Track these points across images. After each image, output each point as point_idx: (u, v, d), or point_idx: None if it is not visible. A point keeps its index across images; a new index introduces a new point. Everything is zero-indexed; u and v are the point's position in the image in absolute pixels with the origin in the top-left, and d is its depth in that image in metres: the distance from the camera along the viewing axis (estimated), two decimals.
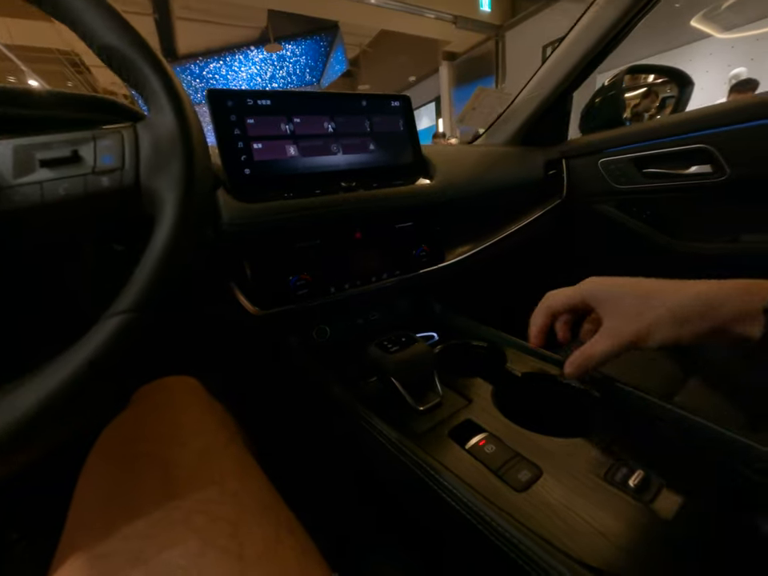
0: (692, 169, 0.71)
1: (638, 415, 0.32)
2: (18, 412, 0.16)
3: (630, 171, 0.77)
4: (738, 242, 0.68)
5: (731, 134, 0.63)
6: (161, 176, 0.21)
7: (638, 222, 0.78)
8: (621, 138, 0.79)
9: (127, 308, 0.18)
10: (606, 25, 0.70)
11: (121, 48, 0.21)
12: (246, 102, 0.46)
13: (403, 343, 0.38)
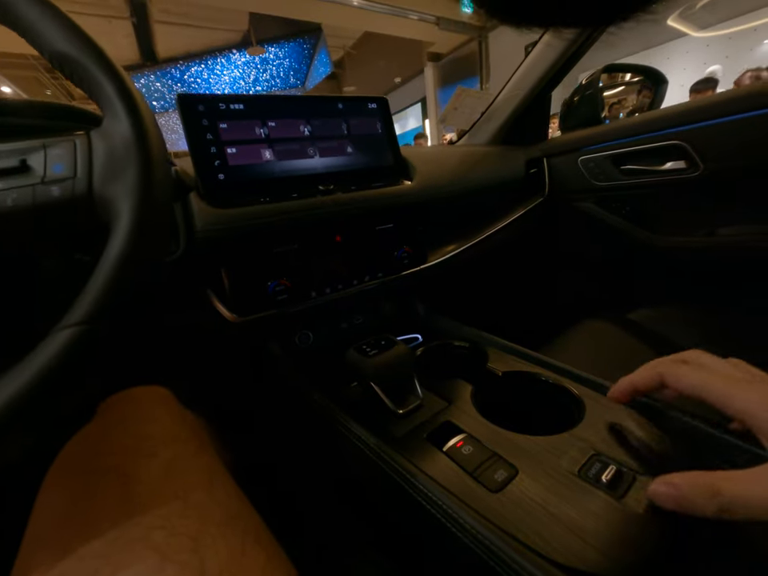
0: (667, 165, 0.72)
1: (621, 415, 0.32)
2: None
3: (608, 168, 0.78)
4: (715, 236, 0.69)
5: (704, 130, 0.65)
6: (116, 184, 0.20)
7: (618, 218, 0.79)
8: (599, 135, 0.80)
9: (79, 320, 0.18)
10: None
11: (73, 54, 0.20)
12: (218, 106, 0.45)
13: (383, 346, 0.38)
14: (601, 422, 0.30)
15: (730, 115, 0.61)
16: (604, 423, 0.30)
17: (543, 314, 0.98)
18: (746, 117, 0.59)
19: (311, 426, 0.43)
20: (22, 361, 0.17)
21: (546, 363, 0.39)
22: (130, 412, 0.32)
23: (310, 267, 0.50)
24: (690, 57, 4.45)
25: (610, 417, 0.31)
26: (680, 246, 0.73)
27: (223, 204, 0.43)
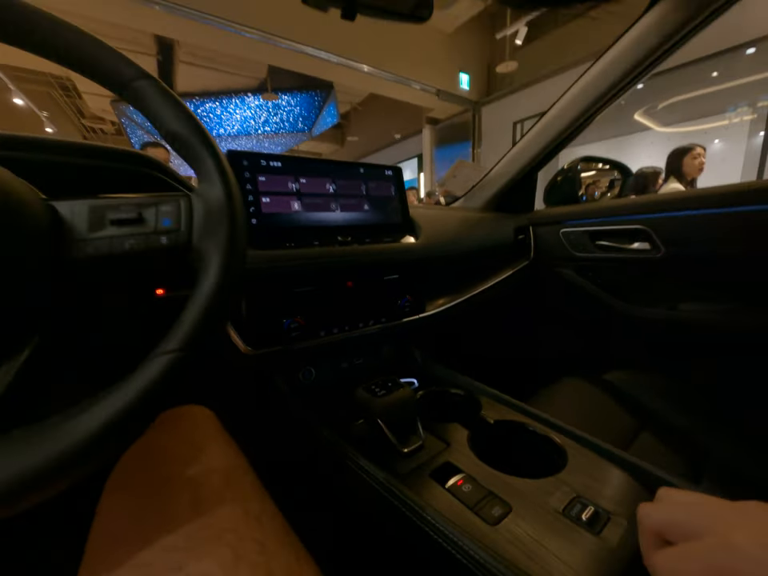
0: (635, 245, 0.84)
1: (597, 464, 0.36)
2: (82, 434, 0.18)
3: (586, 242, 0.89)
4: (676, 310, 0.78)
5: (665, 220, 0.77)
6: (209, 238, 0.25)
7: (593, 286, 0.88)
8: (578, 213, 0.92)
9: (176, 348, 0.21)
10: (566, 120, 0.85)
11: (185, 134, 0.26)
12: (259, 162, 0.52)
13: (389, 388, 0.42)
14: (581, 469, 0.34)
15: (684, 210, 0.74)
16: (583, 471, 0.34)
17: (529, 366, 1.03)
18: (702, 213, 0.71)
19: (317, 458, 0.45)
20: (126, 380, 0.20)
21: (533, 414, 0.44)
22: (184, 426, 0.34)
23: (322, 308, 0.54)
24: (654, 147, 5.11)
25: (588, 466, 0.35)
26: (646, 316, 0.82)
27: (254, 246, 0.48)
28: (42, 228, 0.21)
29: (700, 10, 0.62)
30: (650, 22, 0.67)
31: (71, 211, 0.23)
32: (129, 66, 0.26)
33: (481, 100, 5.46)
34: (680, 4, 0.63)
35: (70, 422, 0.18)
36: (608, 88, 0.75)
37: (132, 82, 0.26)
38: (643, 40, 0.67)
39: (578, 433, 0.40)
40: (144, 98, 0.26)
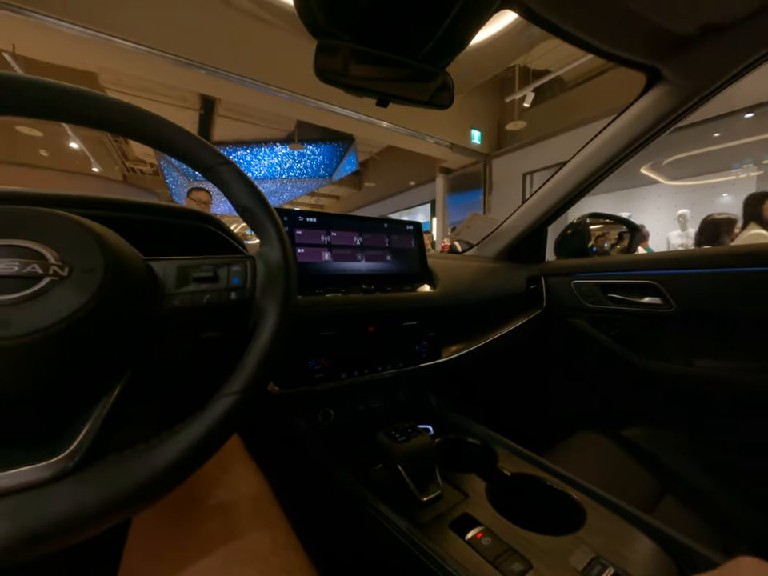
0: (647, 299, 0.86)
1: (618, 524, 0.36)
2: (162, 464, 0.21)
3: (598, 294, 0.92)
4: (691, 366, 0.78)
5: (674, 276, 0.80)
6: (268, 294, 0.30)
7: (607, 338, 0.89)
8: (589, 266, 0.96)
9: (239, 389, 0.25)
10: (573, 183, 0.92)
11: (253, 208, 0.32)
12: (298, 218, 0.59)
13: (409, 434, 0.43)
14: (600, 529, 0.35)
15: (697, 268, 0.76)
16: (603, 531, 0.34)
17: (543, 416, 1.01)
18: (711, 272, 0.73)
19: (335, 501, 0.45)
20: (197, 417, 0.24)
21: (550, 469, 0.44)
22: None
23: (345, 351, 0.57)
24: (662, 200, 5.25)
25: (608, 526, 0.35)
26: (662, 370, 0.81)
27: None
28: (142, 284, 0.26)
29: (691, 97, 0.70)
30: (646, 103, 0.75)
31: (164, 269, 0.28)
32: (214, 154, 0.33)
33: (491, 153, 5.82)
34: (672, 91, 0.71)
35: (153, 452, 0.22)
36: (610, 158, 0.82)
37: (216, 166, 0.33)
38: (640, 119, 0.75)
39: (598, 491, 0.40)
40: (224, 178, 0.33)
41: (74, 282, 0.22)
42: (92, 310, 0.21)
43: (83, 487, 0.19)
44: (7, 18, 2.63)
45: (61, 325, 0.20)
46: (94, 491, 0.19)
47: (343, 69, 0.54)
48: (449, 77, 0.59)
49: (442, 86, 0.60)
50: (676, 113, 0.71)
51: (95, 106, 0.27)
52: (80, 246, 0.23)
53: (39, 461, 0.20)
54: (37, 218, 0.24)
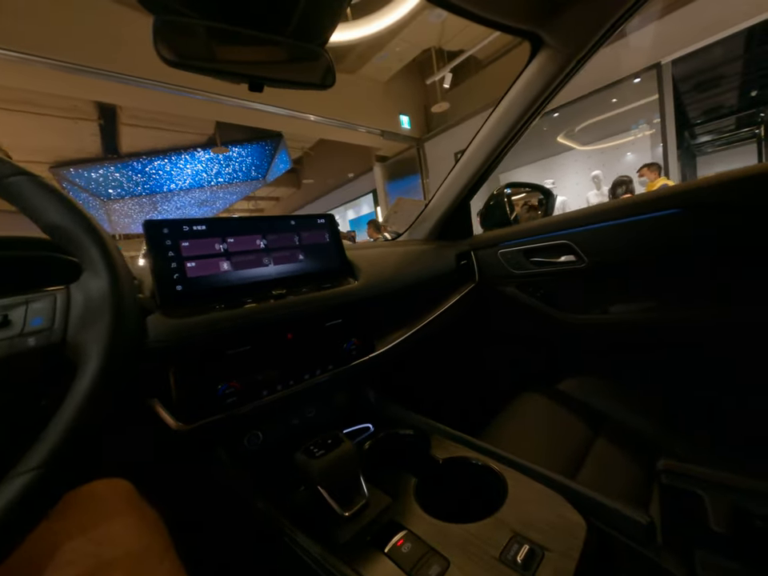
0: (563, 258, 0.91)
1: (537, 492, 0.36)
2: None
3: (521, 260, 0.95)
4: (607, 314, 0.85)
5: (581, 233, 0.85)
6: (88, 330, 0.24)
7: (534, 300, 0.94)
8: (510, 234, 0.99)
9: (37, 464, 0.19)
10: (483, 155, 0.94)
11: (66, 225, 0.26)
12: (181, 228, 0.52)
13: (329, 445, 0.40)
14: (521, 501, 0.34)
15: (598, 223, 0.82)
16: (523, 502, 0.34)
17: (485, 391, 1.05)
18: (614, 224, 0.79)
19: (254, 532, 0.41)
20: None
21: (477, 446, 0.44)
22: (91, 511, 0.29)
23: (261, 366, 0.52)
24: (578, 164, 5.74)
25: (528, 495, 0.35)
26: (582, 321, 0.87)
27: (180, 314, 0.46)
28: None
29: (569, 60, 0.73)
30: (533, 70, 0.77)
31: None
32: (1, 164, 0.26)
33: (423, 137, 5.91)
34: (554, 56, 0.74)
35: None
36: (510, 127, 0.84)
37: (5, 179, 0.25)
38: (530, 86, 0.78)
39: (516, 459, 0.40)
40: (20, 193, 0.26)
41: None
42: None
43: None
44: None
45: None
46: None
47: (201, 51, 0.47)
48: (327, 55, 0.55)
49: (324, 66, 0.56)
50: (559, 77, 0.74)
51: None
52: None
53: None
54: None
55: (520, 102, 0.80)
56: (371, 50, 4.48)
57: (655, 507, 0.43)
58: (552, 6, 0.66)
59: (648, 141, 4.55)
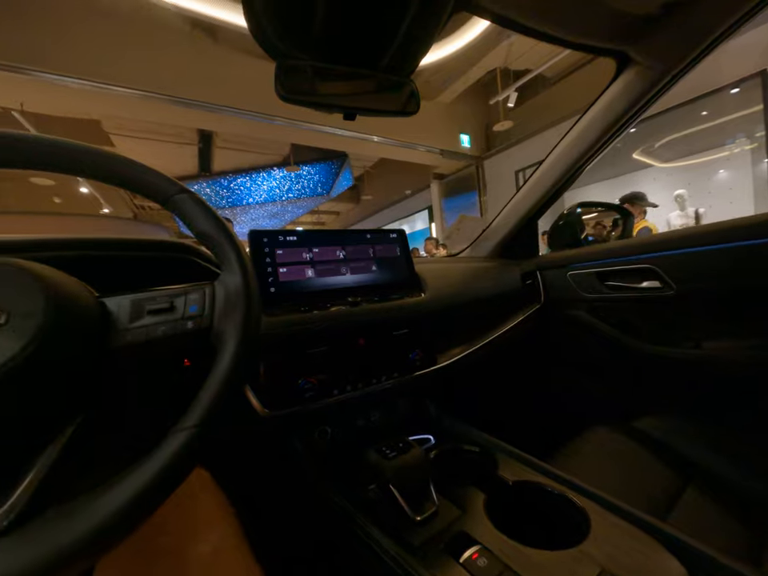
0: (645, 283, 0.83)
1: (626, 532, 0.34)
2: (105, 515, 0.20)
3: (594, 283, 0.89)
4: (701, 349, 0.75)
5: (670, 257, 0.77)
6: (227, 320, 0.29)
7: (608, 327, 0.87)
8: (584, 256, 0.94)
9: (195, 423, 0.24)
10: (557, 174, 0.91)
11: (212, 234, 0.32)
12: (277, 238, 0.59)
13: (400, 449, 0.42)
14: (606, 537, 0.32)
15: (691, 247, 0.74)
16: (609, 540, 0.32)
17: (549, 416, 0.98)
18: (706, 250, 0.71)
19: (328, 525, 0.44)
20: (149, 456, 0.23)
21: (552, 474, 0.42)
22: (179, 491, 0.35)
23: (335, 367, 0.56)
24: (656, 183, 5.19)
25: (615, 534, 0.33)
26: (668, 355, 0.78)
27: (272, 312, 0.53)
28: (93, 322, 0.26)
29: (661, 77, 0.70)
30: (617, 88, 0.75)
31: (117, 305, 0.28)
32: (170, 184, 0.33)
33: (482, 155, 5.86)
34: (643, 73, 0.71)
35: (97, 502, 0.20)
36: (588, 147, 0.82)
37: (173, 196, 0.33)
38: (614, 105, 0.75)
39: (602, 495, 0.37)
40: (181, 207, 0.33)
41: (11, 328, 0.21)
42: (31, 354, 0.21)
43: (17, 550, 0.18)
44: (12, 79, 2.78)
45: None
46: (28, 554, 0.18)
47: (306, 87, 0.55)
48: (413, 84, 0.60)
49: (408, 94, 0.61)
50: (648, 95, 0.71)
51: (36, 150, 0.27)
52: (19, 290, 0.23)
53: None
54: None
55: (601, 120, 0.77)
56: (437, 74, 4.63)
57: None
58: (644, 23, 0.64)
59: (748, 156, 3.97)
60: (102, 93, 3.11)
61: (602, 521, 0.34)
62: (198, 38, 3.40)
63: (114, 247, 0.41)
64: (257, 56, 3.52)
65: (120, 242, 0.42)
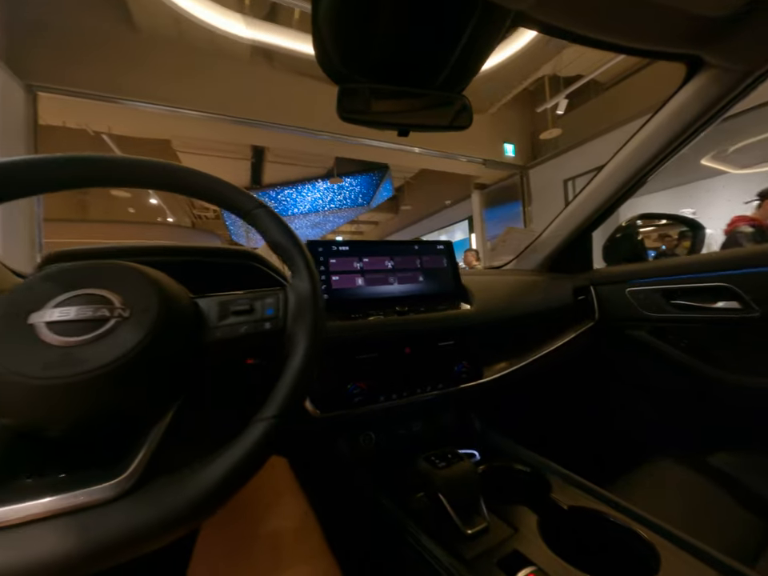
0: (721, 303, 0.75)
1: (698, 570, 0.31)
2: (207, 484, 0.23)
3: (659, 301, 0.82)
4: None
5: (754, 275, 0.69)
6: (299, 323, 0.32)
7: (676, 351, 0.79)
8: (646, 271, 0.87)
9: (274, 414, 0.27)
10: (617, 183, 0.86)
11: (285, 244, 0.35)
12: (331, 248, 0.63)
13: (449, 460, 0.42)
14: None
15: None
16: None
17: (604, 441, 0.90)
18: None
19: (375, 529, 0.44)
20: (236, 439, 0.26)
21: (614, 503, 0.39)
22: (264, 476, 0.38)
23: (383, 374, 0.58)
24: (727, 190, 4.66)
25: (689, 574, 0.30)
26: (747, 384, 0.69)
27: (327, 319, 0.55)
28: (190, 319, 0.30)
29: (743, 78, 0.64)
30: (689, 93, 0.70)
31: (207, 305, 0.32)
32: (250, 200, 0.37)
33: (527, 164, 5.67)
34: (719, 76, 0.65)
35: (200, 474, 0.24)
36: (653, 155, 0.76)
37: (253, 210, 0.37)
38: (684, 110, 0.70)
39: (676, 531, 0.34)
40: (258, 220, 0.37)
41: (134, 321, 0.26)
42: (148, 344, 0.25)
43: (139, 506, 0.22)
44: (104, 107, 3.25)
45: (123, 359, 0.24)
46: (149, 510, 0.21)
47: (363, 107, 0.59)
48: (466, 99, 0.61)
49: (460, 108, 0.62)
50: (726, 99, 0.65)
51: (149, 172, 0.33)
52: (138, 289, 0.27)
53: (103, 481, 0.23)
54: (107, 270, 0.29)
55: (669, 127, 0.72)
56: (480, 83, 4.61)
57: None
58: (721, 25, 0.59)
59: None
60: (174, 115, 3.50)
61: (673, 559, 0.31)
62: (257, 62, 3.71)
63: (203, 254, 0.47)
64: (308, 77, 3.77)
65: (208, 249, 0.48)
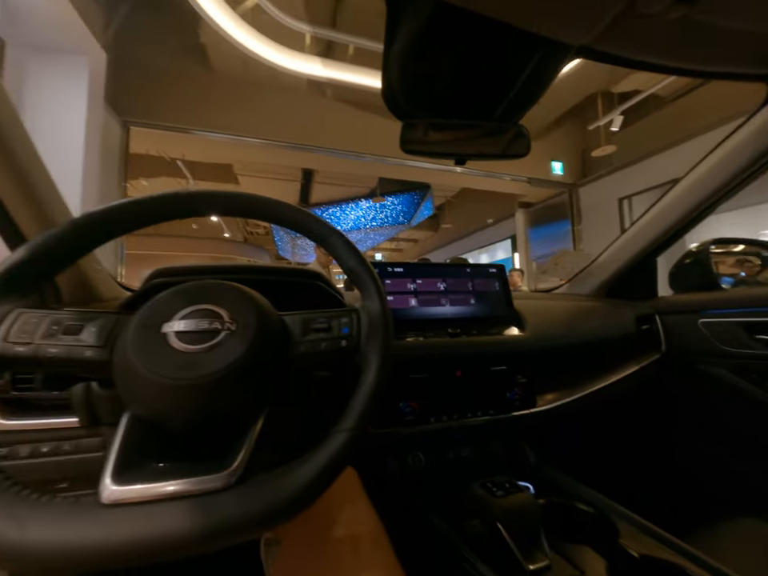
0: None
1: None
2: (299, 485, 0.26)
3: (740, 335, 0.74)
4: None
5: None
6: (371, 342, 0.34)
7: (759, 391, 0.70)
8: (724, 301, 0.80)
9: (351, 426, 0.29)
10: (688, 206, 0.80)
11: (357, 269, 0.39)
12: (387, 269, 0.66)
13: (507, 489, 0.41)
14: None
15: None
16: None
17: (674, 485, 0.81)
18: None
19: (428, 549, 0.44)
20: (320, 447, 0.28)
21: (695, 556, 0.36)
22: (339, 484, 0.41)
23: (434, 395, 0.58)
24: None
25: None
26: None
27: None
28: (279, 334, 0.34)
29: None
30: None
31: (292, 321, 0.36)
32: (325, 227, 0.41)
33: (577, 182, 5.43)
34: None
35: (293, 474, 0.26)
36: (732, 175, 0.71)
37: (327, 237, 0.41)
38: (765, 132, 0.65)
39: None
40: (334, 246, 0.40)
41: (239, 334, 0.30)
42: (249, 355, 0.29)
43: (246, 498, 0.25)
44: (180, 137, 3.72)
45: (231, 367, 0.28)
46: (253, 502, 0.24)
47: (422, 139, 0.62)
48: (523, 128, 0.62)
49: (517, 136, 0.64)
50: None
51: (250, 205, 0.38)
52: (241, 306, 0.32)
53: (212, 473, 0.26)
54: (215, 288, 0.34)
55: (752, 146, 0.67)
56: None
57: None
58: None
59: None
60: (237, 143, 3.90)
61: None
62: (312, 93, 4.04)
63: (282, 273, 0.52)
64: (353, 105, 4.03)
65: (287, 270, 0.54)
